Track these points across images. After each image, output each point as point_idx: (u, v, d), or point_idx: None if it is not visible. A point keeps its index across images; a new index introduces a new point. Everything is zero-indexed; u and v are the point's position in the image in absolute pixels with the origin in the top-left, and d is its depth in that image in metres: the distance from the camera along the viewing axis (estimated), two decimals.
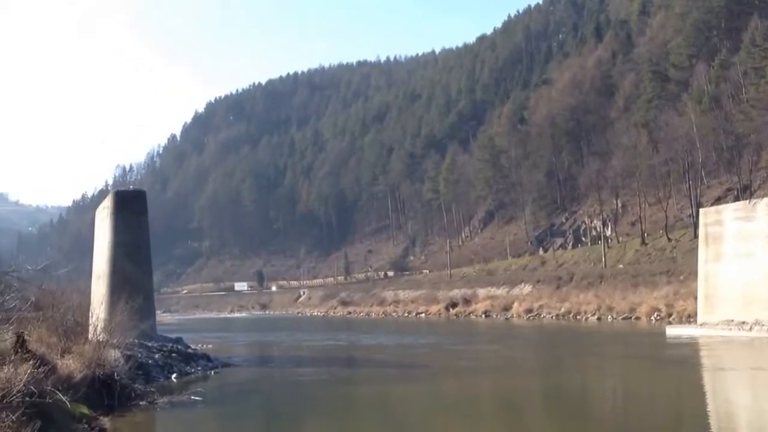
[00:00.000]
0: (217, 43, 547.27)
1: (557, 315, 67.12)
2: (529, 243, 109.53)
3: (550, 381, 26.51)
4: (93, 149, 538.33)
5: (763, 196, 48.53)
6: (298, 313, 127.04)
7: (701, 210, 48.26)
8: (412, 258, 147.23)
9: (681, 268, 63.30)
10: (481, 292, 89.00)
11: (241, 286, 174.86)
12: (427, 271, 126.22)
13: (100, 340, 21.59)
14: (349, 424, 18.62)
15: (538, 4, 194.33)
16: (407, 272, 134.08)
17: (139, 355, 25.44)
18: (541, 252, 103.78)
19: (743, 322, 37.88)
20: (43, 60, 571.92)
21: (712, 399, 20.99)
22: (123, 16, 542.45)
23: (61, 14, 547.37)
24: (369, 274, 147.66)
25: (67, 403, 14.61)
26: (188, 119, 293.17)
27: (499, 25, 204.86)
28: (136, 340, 26.22)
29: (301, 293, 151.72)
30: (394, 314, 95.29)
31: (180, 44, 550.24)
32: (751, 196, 62.34)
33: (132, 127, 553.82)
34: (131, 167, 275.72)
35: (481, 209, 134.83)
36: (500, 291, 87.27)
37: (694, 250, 51.83)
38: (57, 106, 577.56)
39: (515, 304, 75.97)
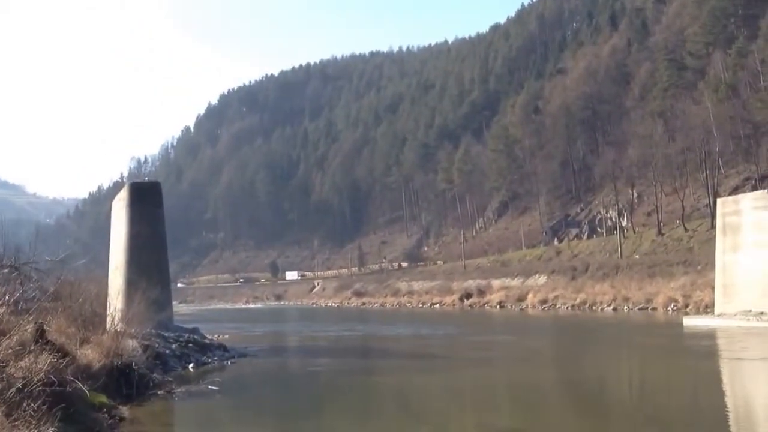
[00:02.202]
0: (230, 35, 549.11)
1: (572, 306, 66.81)
2: (544, 233, 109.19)
3: (567, 371, 26.40)
4: (108, 142, 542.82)
5: None
6: (313, 304, 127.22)
7: (719, 200, 47.83)
8: (425, 249, 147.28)
9: (698, 259, 62.89)
10: (496, 283, 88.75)
11: (291, 275, 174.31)
12: (441, 262, 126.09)
13: (118, 330, 21.66)
14: (366, 414, 18.59)
15: None
16: (421, 263, 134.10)
17: (157, 345, 25.52)
18: (555, 242, 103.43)
19: (762, 313, 37.53)
20: (62, 52, 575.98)
21: (731, 389, 20.85)
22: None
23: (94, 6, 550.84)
24: (383, 265, 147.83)
25: (87, 393, 14.68)
26: (201, 111, 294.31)
27: (512, 13, 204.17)
28: (154, 331, 26.29)
29: (316, 284, 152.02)
30: (408, 305, 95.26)
31: (198, 32, 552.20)
32: None
33: (146, 119, 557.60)
34: (146, 159, 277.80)
35: (495, 200, 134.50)
36: (515, 282, 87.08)
37: (711, 240, 51.48)
38: (73, 99, 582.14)
39: (530, 295, 75.61)
